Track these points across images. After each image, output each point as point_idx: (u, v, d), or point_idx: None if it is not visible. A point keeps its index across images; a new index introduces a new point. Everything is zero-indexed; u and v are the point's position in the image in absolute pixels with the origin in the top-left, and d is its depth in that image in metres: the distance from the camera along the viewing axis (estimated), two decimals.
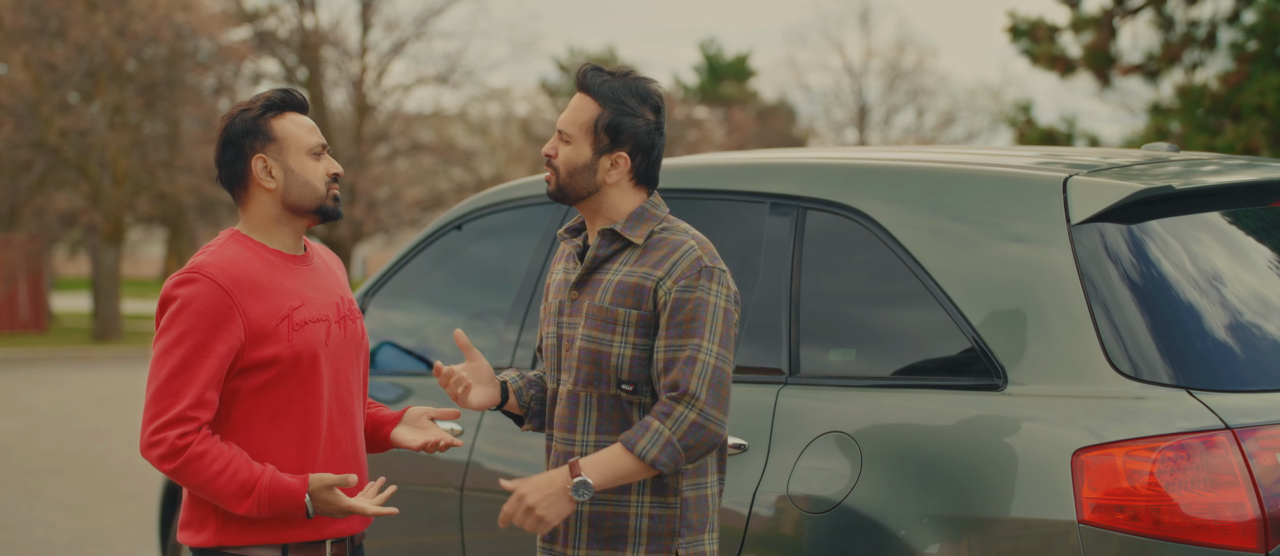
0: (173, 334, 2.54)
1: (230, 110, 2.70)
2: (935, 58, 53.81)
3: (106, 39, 22.75)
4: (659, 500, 2.57)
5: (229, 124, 2.67)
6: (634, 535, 2.57)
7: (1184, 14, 14.94)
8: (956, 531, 2.67)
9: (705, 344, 2.51)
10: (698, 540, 2.60)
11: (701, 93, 42.38)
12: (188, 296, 2.55)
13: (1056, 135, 15.34)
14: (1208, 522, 2.45)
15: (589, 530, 2.58)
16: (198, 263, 2.59)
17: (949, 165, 3.09)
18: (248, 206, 2.68)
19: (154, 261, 55.06)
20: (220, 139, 2.67)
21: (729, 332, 2.55)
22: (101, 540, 7.28)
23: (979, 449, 2.71)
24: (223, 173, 2.69)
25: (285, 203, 2.67)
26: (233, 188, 2.69)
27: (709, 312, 2.51)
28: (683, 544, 2.58)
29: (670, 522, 2.58)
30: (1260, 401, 2.56)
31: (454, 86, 29.12)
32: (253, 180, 2.66)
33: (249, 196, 2.67)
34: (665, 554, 2.58)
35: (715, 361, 2.51)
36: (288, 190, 2.66)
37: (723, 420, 2.53)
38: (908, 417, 2.86)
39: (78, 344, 23.54)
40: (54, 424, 12.46)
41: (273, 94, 2.70)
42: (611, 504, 2.57)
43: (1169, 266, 2.73)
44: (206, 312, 2.54)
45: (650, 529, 2.57)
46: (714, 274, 2.54)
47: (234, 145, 2.66)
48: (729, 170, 3.52)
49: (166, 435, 2.51)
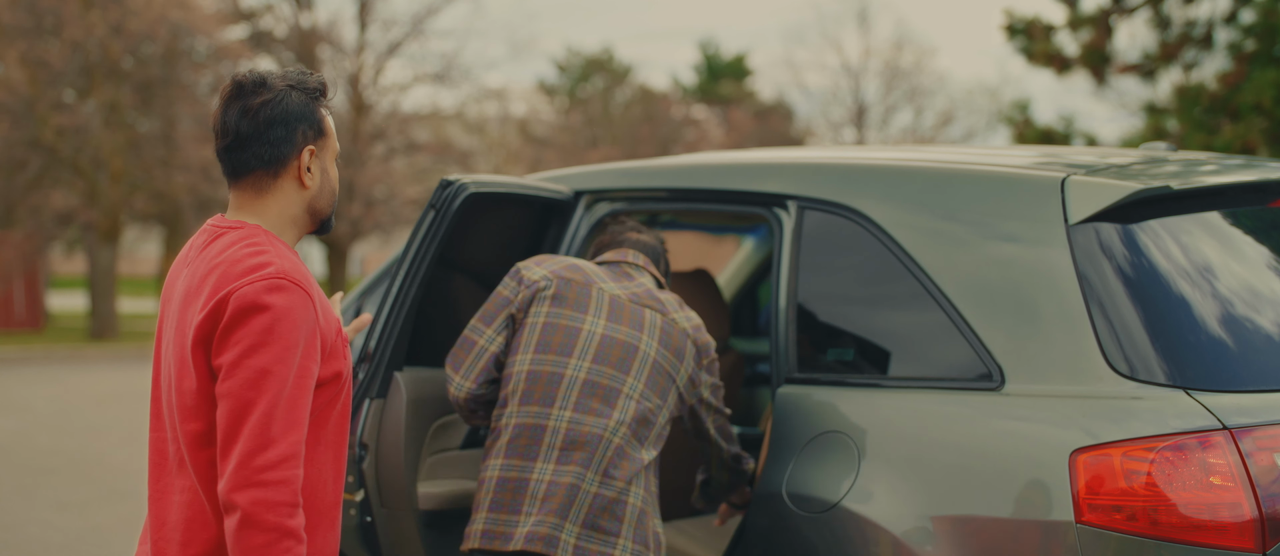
0: (272, 351, 2.15)
1: (273, 77, 2.32)
2: (933, 57, 53.83)
3: (102, 37, 22.74)
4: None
5: (282, 97, 2.29)
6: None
7: (1181, 13, 14.95)
8: (954, 531, 2.67)
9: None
10: (475, 518, 3.03)
11: (699, 92, 42.39)
12: (283, 307, 2.17)
13: (1054, 134, 15.35)
14: (1205, 522, 2.45)
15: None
16: (280, 267, 2.21)
17: (947, 165, 3.09)
18: (270, 198, 2.33)
19: (150, 260, 55.00)
20: (266, 109, 2.28)
21: (487, 306, 3.18)
22: (98, 539, 7.27)
23: (976, 449, 2.71)
24: (259, 150, 2.28)
25: (312, 205, 2.36)
26: (260, 169, 2.30)
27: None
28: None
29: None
30: (1257, 401, 2.55)
31: (451, 86, 29.14)
32: (291, 171, 2.32)
33: (277, 187, 2.32)
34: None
35: (467, 331, 3.18)
36: (319, 193, 2.36)
37: (454, 379, 3.15)
38: (905, 417, 2.85)
39: (74, 343, 23.52)
40: (50, 423, 12.44)
41: (321, 79, 2.37)
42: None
43: (1166, 266, 2.73)
44: (302, 326, 2.18)
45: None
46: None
47: (285, 124, 2.29)
48: (727, 169, 3.52)
49: (293, 475, 2.14)
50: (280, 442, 2.14)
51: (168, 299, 2.38)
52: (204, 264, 2.29)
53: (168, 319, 2.36)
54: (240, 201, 2.36)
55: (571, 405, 3.03)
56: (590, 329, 3.10)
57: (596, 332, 3.10)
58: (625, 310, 3.15)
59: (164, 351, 2.35)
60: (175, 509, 2.28)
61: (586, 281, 3.19)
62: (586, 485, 2.99)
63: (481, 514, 3.02)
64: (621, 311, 3.14)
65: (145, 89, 24.16)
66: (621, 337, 3.11)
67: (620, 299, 3.17)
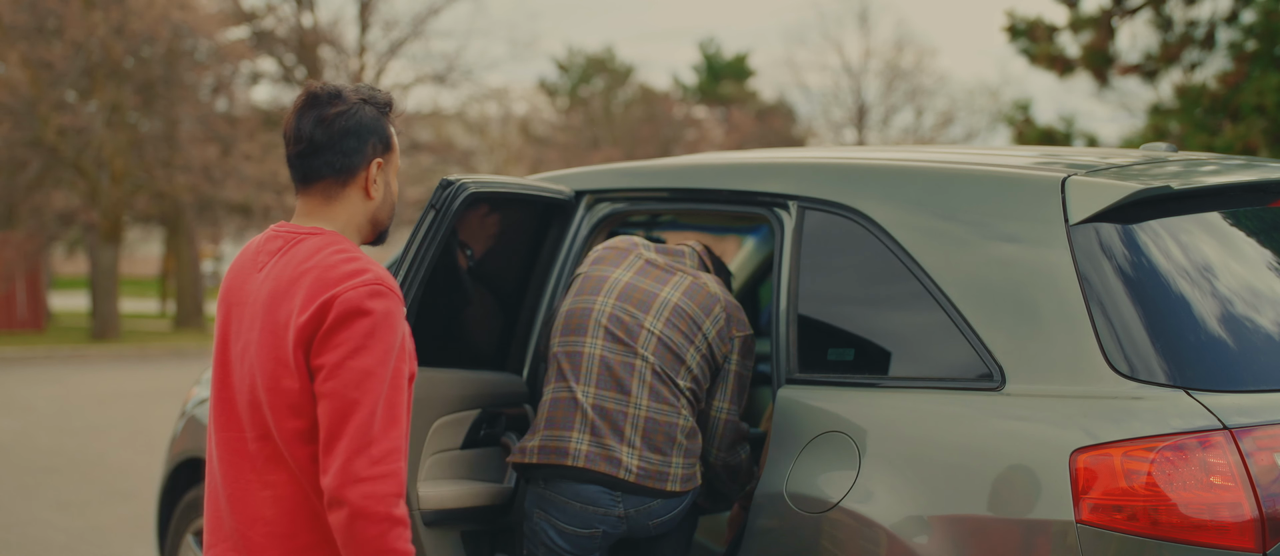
0: (374, 354, 2.25)
1: (347, 90, 2.42)
2: (934, 57, 53.82)
3: (104, 37, 22.75)
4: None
5: (356, 109, 2.39)
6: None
7: (1182, 14, 14.95)
8: (954, 531, 2.67)
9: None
10: (533, 437, 3.27)
11: (700, 92, 42.39)
12: (382, 312, 2.27)
13: (1055, 135, 15.35)
14: (1205, 522, 2.45)
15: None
16: (377, 274, 2.31)
17: (947, 165, 3.09)
18: (337, 205, 2.41)
19: (152, 260, 55.00)
20: (340, 119, 2.38)
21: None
22: (99, 539, 7.28)
23: (977, 449, 2.71)
24: (332, 158, 2.38)
25: (375, 216, 2.45)
26: (331, 177, 2.40)
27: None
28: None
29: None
30: (1258, 401, 2.56)
31: (452, 86, 29.15)
32: (359, 181, 2.41)
33: (344, 196, 2.41)
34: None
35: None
36: (382, 204, 2.45)
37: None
38: (906, 417, 2.86)
39: (76, 343, 23.53)
40: (52, 423, 12.45)
41: (390, 95, 2.46)
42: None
43: (1167, 266, 2.73)
44: (397, 330, 2.29)
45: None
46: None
47: (357, 135, 2.39)
48: (728, 170, 3.52)
49: (397, 467, 2.24)
50: (383, 439, 2.24)
51: (237, 303, 2.44)
52: (289, 268, 2.36)
53: (244, 321, 2.41)
54: (309, 207, 2.45)
55: (600, 335, 3.28)
56: (618, 277, 3.37)
57: (623, 279, 3.37)
58: (657, 269, 3.40)
59: (242, 354, 2.40)
60: (269, 505, 2.35)
61: (629, 246, 3.47)
62: (631, 408, 3.21)
63: (540, 433, 3.27)
64: (653, 269, 3.39)
65: (147, 89, 24.17)
66: (645, 286, 3.35)
67: (656, 261, 3.42)
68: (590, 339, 3.28)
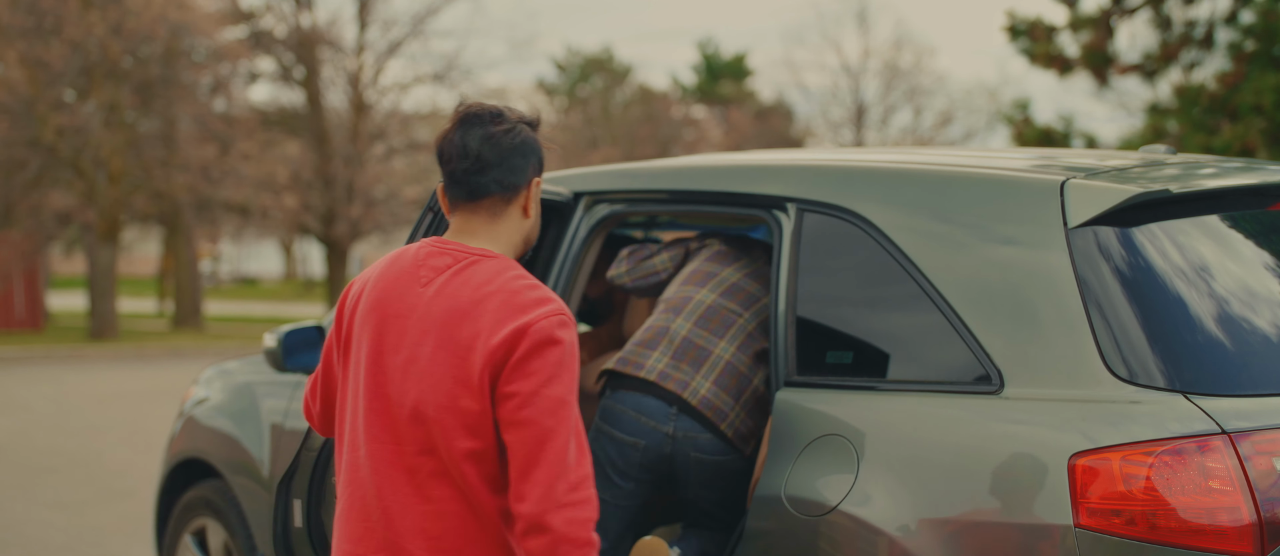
0: (565, 383, 2.33)
1: (505, 109, 2.49)
2: (933, 57, 53.87)
3: (102, 37, 22.74)
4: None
5: (519, 128, 2.46)
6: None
7: (1182, 14, 14.95)
8: (952, 535, 2.67)
9: None
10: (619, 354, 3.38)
11: (699, 92, 42.40)
12: (570, 342, 2.36)
13: (1054, 135, 15.36)
14: (1204, 527, 2.45)
15: None
16: (560, 304, 2.39)
17: (946, 167, 3.08)
18: (501, 223, 2.47)
19: (150, 260, 54.99)
20: (507, 137, 2.44)
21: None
22: (97, 539, 7.27)
23: (975, 452, 2.71)
24: (500, 175, 2.43)
25: (528, 237, 2.53)
26: (498, 194, 2.46)
27: None
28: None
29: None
30: (1256, 405, 2.55)
31: (451, 85, 29.13)
32: (520, 200, 2.48)
33: (507, 213, 2.47)
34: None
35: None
36: (534, 225, 2.53)
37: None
38: (904, 420, 2.85)
39: (74, 342, 23.53)
40: (50, 423, 12.45)
41: (538, 115, 2.54)
42: None
43: (1166, 269, 2.73)
44: (578, 359, 2.39)
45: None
46: None
47: (523, 154, 2.46)
48: (726, 171, 3.51)
49: (593, 493, 2.33)
50: (579, 466, 2.33)
51: (397, 315, 2.43)
52: (468, 288, 2.40)
53: (407, 334, 2.41)
54: (473, 225, 2.48)
55: (718, 290, 3.51)
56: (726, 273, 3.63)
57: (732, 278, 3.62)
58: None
59: (405, 366, 2.41)
60: (433, 520, 2.39)
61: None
62: (718, 349, 3.39)
63: (625, 350, 3.45)
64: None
65: (145, 89, 24.17)
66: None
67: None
68: (706, 291, 3.50)
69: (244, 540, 4.49)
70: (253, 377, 4.74)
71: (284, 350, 4.24)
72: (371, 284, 2.49)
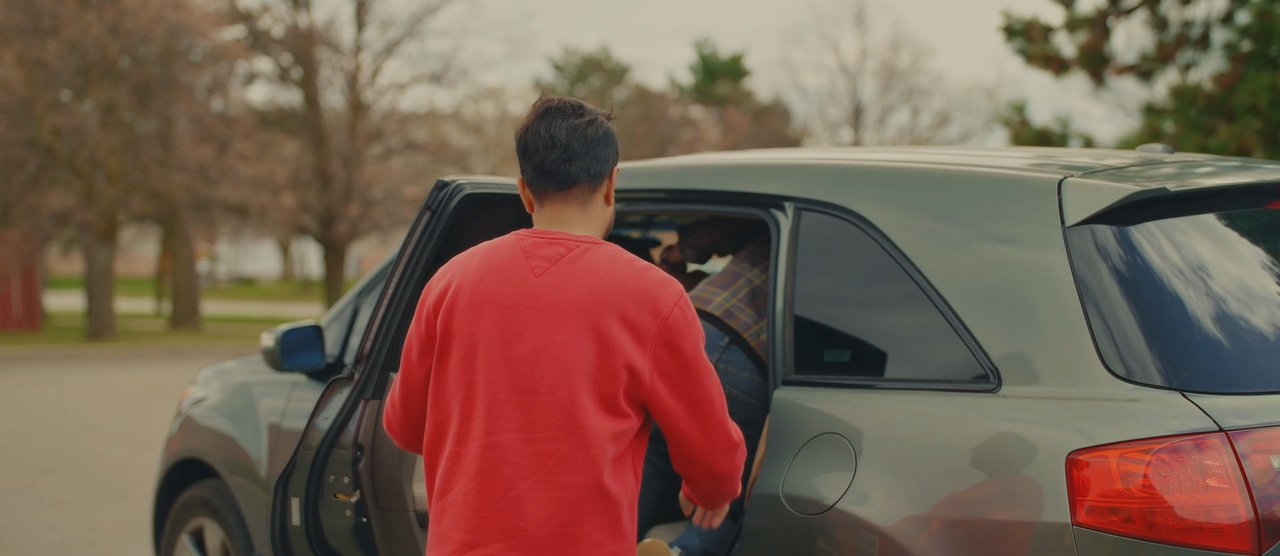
0: (703, 355, 2.53)
1: (584, 103, 2.59)
2: (930, 57, 53.87)
3: (99, 37, 22.73)
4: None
5: (600, 120, 2.57)
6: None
7: (1178, 14, 14.97)
8: (950, 533, 2.67)
9: None
10: None
11: (696, 92, 42.39)
12: (696, 317, 2.55)
13: (1051, 135, 15.38)
14: (1201, 524, 2.45)
15: None
16: (678, 282, 2.53)
17: (944, 167, 3.09)
18: (589, 211, 2.56)
19: (148, 260, 54.95)
20: (592, 128, 2.54)
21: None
22: (95, 539, 7.27)
23: (973, 451, 2.71)
24: (588, 164, 2.53)
25: (608, 224, 2.62)
26: (586, 183, 2.54)
27: None
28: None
29: None
30: (1253, 403, 2.56)
31: (448, 85, 29.12)
32: (603, 188, 2.57)
33: (593, 201, 2.56)
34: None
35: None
36: (613, 215, 2.63)
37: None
38: (902, 419, 2.86)
39: (71, 342, 23.51)
40: (47, 422, 12.44)
41: (611, 110, 2.64)
42: None
43: (1163, 268, 2.73)
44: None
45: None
46: None
47: (606, 144, 2.56)
48: (724, 171, 3.52)
49: (742, 438, 2.63)
50: (729, 418, 2.62)
51: (515, 306, 2.48)
52: (591, 275, 2.48)
53: (532, 324, 2.47)
54: (565, 214, 2.56)
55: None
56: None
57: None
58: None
59: (533, 355, 2.46)
60: (563, 506, 2.45)
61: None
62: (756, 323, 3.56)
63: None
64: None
65: (142, 89, 24.15)
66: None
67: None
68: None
69: (241, 539, 4.49)
70: (250, 377, 4.75)
71: (282, 350, 4.24)
72: (470, 280, 2.52)
